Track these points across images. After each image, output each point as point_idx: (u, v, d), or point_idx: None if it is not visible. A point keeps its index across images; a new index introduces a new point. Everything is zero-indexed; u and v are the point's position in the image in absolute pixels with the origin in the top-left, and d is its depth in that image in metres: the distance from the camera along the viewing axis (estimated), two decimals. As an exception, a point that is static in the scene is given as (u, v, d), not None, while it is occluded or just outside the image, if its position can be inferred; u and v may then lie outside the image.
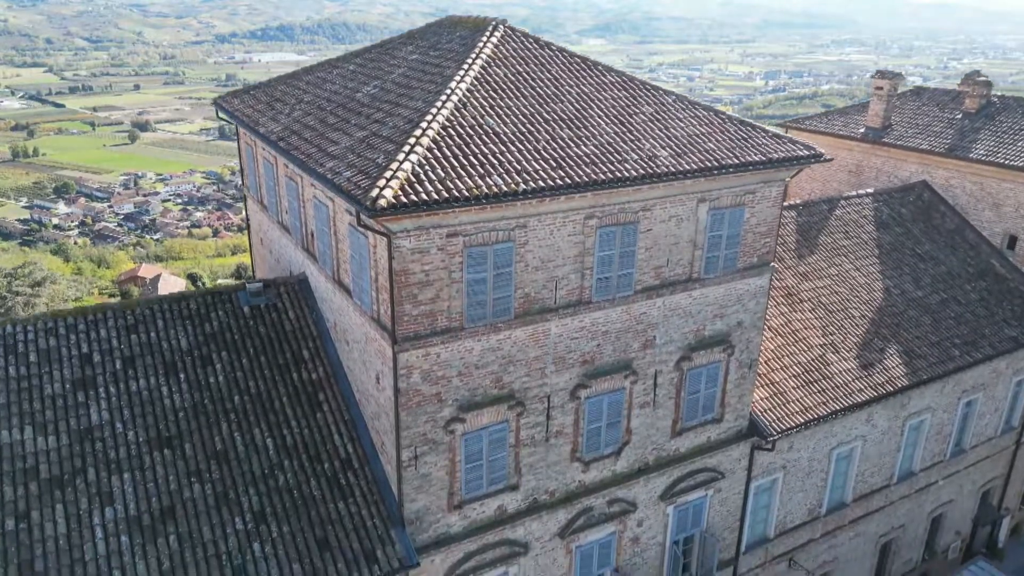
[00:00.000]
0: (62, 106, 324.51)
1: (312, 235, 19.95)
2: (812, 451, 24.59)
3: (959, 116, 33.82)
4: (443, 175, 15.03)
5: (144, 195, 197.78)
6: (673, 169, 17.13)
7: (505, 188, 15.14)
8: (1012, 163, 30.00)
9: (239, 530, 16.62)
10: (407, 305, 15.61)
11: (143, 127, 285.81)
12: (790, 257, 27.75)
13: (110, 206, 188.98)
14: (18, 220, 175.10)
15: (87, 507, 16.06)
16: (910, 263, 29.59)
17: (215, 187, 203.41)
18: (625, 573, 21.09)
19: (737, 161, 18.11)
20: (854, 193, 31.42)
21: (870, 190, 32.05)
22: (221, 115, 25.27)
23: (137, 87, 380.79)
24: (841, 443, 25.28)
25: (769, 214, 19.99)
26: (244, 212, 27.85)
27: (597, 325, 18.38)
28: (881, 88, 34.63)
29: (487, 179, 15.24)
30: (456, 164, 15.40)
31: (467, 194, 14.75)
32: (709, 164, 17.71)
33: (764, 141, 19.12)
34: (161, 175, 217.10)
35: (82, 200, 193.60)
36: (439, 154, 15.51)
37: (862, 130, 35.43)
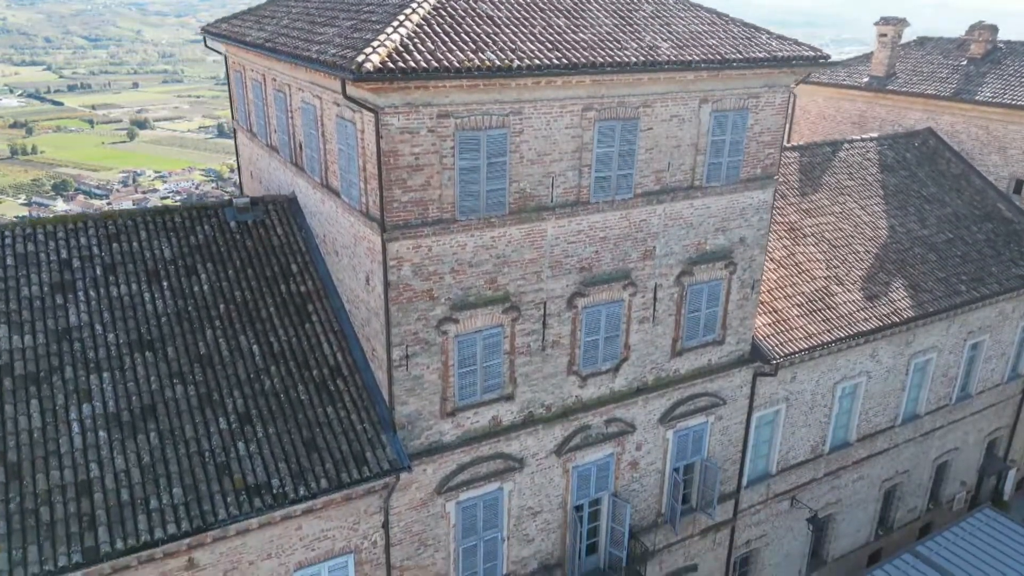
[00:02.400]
0: (61, 104, 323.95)
1: (300, 146, 19.34)
2: (816, 384, 23.96)
3: (964, 62, 33.22)
4: (433, 48, 14.41)
5: (143, 192, 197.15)
6: (675, 59, 16.50)
7: (499, 63, 14.51)
8: (1020, 103, 29.39)
9: (223, 430, 15.98)
10: (396, 190, 14.99)
11: (142, 125, 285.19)
12: (793, 195, 27.15)
13: (109, 203, 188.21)
14: (16, 217, 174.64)
15: (63, 403, 15.43)
16: (915, 204, 28.98)
17: (214, 184, 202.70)
18: (624, 499, 20.44)
19: (741, 56, 17.49)
20: (858, 137, 30.81)
21: (874, 134, 31.43)
22: (210, 44, 24.69)
23: (136, 85, 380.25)
24: (845, 378, 24.65)
25: (773, 122, 19.38)
26: (235, 147, 27.22)
27: (595, 230, 17.75)
28: (885, 35, 34.05)
29: (479, 55, 14.63)
30: (447, 40, 14.81)
31: (458, 66, 14.12)
32: (712, 58, 17.08)
33: (768, 41, 18.51)
34: (160, 172, 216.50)
35: (81, 197, 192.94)
36: (429, 30, 14.92)
37: (866, 79, 34.83)
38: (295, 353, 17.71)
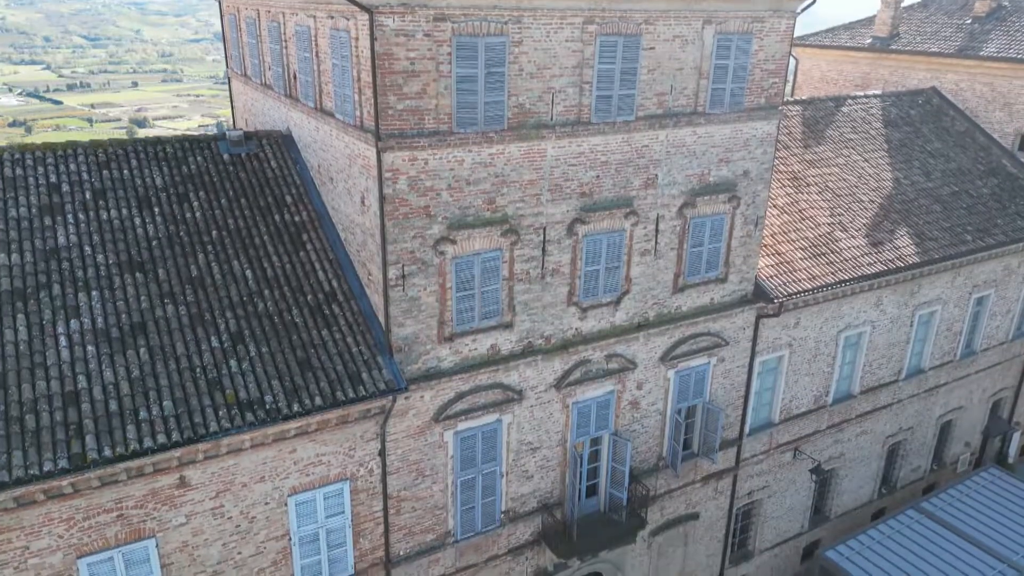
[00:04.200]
0: (60, 103, 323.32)
1: (295, 76, 18.96)
2: (819, 332, 23.59)
3: (968, 21, 32.87)
4: (430, -56, 14.04)
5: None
6: (676, -29, 16.13)
7: (497, -39, 14.13)
8: (1024, 56, 29.05)
9: (215, 348, 15.59)
10: (391, 97, 14.61)
11: (141, 123, 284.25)
12: (796, 146, 26.81)
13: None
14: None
15: (51, 318, 15.04)
16: (920, 158, 28.62)
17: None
18: (624, 439, 20.04)
19: (744, -26, 17.12)
20: (861, 94, 30.46)
21: (878, 92, 31.08)
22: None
23: (135, 84, 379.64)
24: (849, 326, 24.28)
25: (777, 50, 19.01)
26: (230, 99, 26.79)
27: (596, 153, 17.38)
28: (888, -5, 33.69)
29: (478, -46, 14.25)
30: (445, -64, 14.40)
31: (456, -37, 13.74)
32: (714, -27, 16.72)
33: (772, -38, 18.15)
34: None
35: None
36: (426, -71, 14.51)
37: (869, 40, 34.48)
38: (289, 279, 17.33)
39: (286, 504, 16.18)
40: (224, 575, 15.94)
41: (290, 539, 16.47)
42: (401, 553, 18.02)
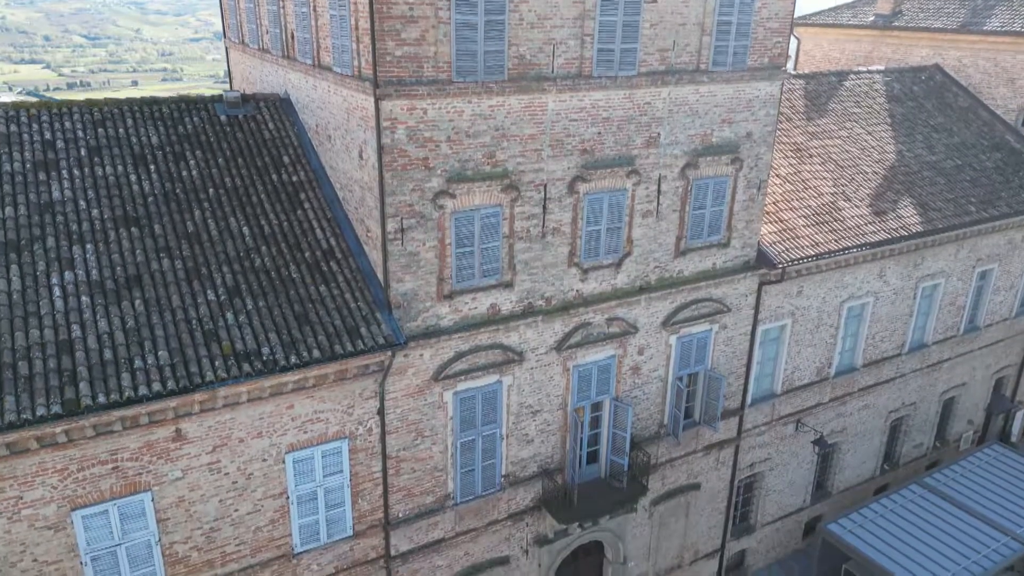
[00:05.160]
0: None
1: (292, 36, 18.77)
2: (822, 301, 23.38)
3: (971, -3, 32.65)
4: None
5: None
6: (679, -79, 15.92)
7: (497, -94, 13.91)
8: (1028, 30, 28.84)
9: (211, 301, 15.39)
10: (389, 42, 14.41)
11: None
12: (798, 118, 26.61)
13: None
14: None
15: (44, 269, 14.84)
16: (923, 132, 28.42)
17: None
18: (625, 404, 19.83)
19: (747, -73, 16.91)
20: (864, 69, 30.25)
21: (880, 67, 30.87)
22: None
23: (135, 83, 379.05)
24: (852, 297, 24.08)
25: (781, 8, 18.81)
26: (227, 71, 26.56)
27: (598, 109, 17.17)
28: (890, -29, 33.48)
29: (478, -102, 14.04)
30: None
31: (456, -96, 13.53)
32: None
33: (775, -83, 17.95)
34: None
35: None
36: None
37: (871, 18, 34.28)
38: (286, 236, 17.14)
39: (284, 461, 15.98)
40: (221, 532, 15.73)
41: (288, 498, 16.27)
42: (400, 515, 17.82)
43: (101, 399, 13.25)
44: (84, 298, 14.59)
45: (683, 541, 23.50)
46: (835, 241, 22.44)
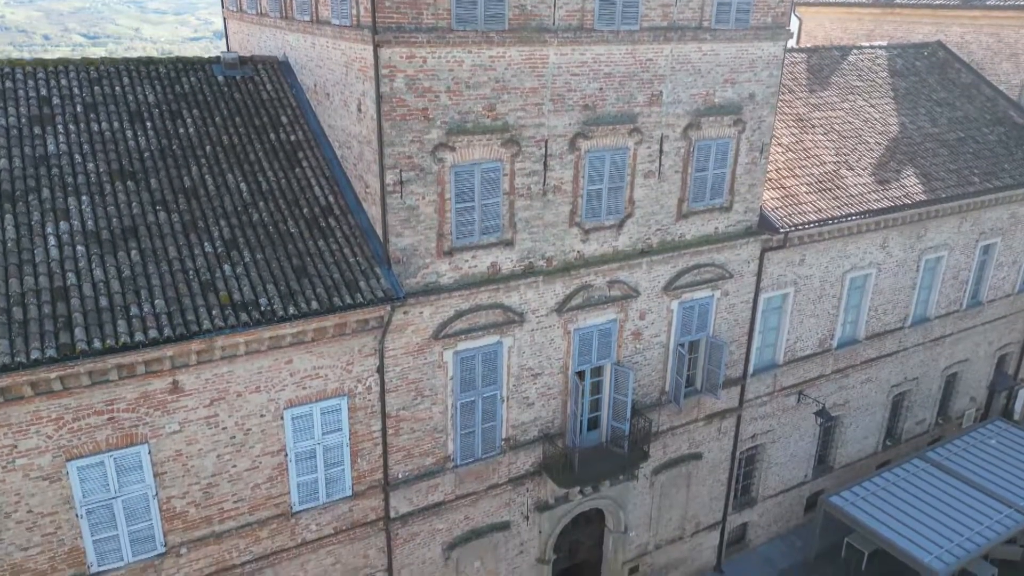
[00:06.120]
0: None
1: (293, -5, 18.57)
2: (824, 270, 23.22)
3: (973, -26, 32.43)
4: None
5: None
6: None
7: None
8: (1031, 3, 28.67)
9: (208, 253, 15.22)
10: (390, -13, 14.21)
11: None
12: (800, 90, 26.45)
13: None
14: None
15: (40, 219, 14.67)
16: (926, 106, 28.26)
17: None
18: (626, 369, 19.65)
19: None
20: (866, 44, 30.07)
21: (883, 43, 30.70)
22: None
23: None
24: (855, 267, 23.92)
25: (783, -34, 18.63)
26: (226, 43, 26.39)
27: (600, 63, 17.00)
28: (892, -52, 33.28)
29: None
30: None
31: None
32: None
33: None
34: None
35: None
36: None
37: (872, -4, 34.10)
38: (284, 193, 16.96)
39: (282, 417, 15.80)
40: (219, 488, 15.56)
41: (286, 455, 16.09)
42: (400, 476, 17.64)
43: (96, 344, 13.06)
44: (79, 247, 14.41)
45: (684, 512, 23.33)
46: (838, 208, 22.28)
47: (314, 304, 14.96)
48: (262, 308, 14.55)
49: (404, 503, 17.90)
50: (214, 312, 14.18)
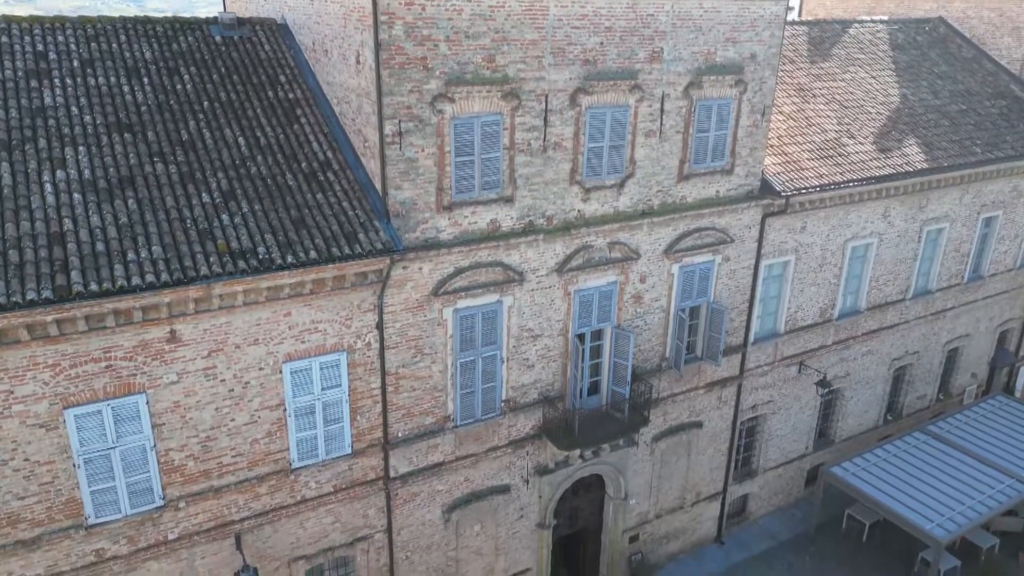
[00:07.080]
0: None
1: (292, -46, 18.44)
2: (826, 239, 23.11)
3: (975, -51, 32.32)
4: None
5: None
6: None
7: None
8: (1033, -24, 28.55)
9: (206, 203, 15.09)
10: (390, -67, 14.09)
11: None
12: (801, 60, 26.32)
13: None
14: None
15: (36, 168, 14.53)
16: (927, 79, 28.15)
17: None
18: (627, 332, 19.53)
19: None
20: (867, 18, 29.96)
21: (884, 17, 30.58)
22: None
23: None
24: (856, 236, 23.81)
25: (785, -76, 18.51)
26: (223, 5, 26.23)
27: (600, 17, 16.88)
28: (893, -76, 33.18)
29: None
30: None
31: None
32: None
33: None
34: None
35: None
36: None
37: (873, -27, 33.98)
38: (283, 148, 16.84)
39: (281, 371, 15.68)
40: (217, 442, 15.44)
41: (285, 409, 15.97)
42: (400, 435, 17.53)
43: (93, 287, 12.93)
44: (76, 195, 14.29)
45: (685, 481, 23.22)
46: (840, 174, 22.18)
47: (312, 254, 14.84)
48: (260, 256, 14.43)
49: (404, 463, 17.78)
50: (212, 259, 14.06)
